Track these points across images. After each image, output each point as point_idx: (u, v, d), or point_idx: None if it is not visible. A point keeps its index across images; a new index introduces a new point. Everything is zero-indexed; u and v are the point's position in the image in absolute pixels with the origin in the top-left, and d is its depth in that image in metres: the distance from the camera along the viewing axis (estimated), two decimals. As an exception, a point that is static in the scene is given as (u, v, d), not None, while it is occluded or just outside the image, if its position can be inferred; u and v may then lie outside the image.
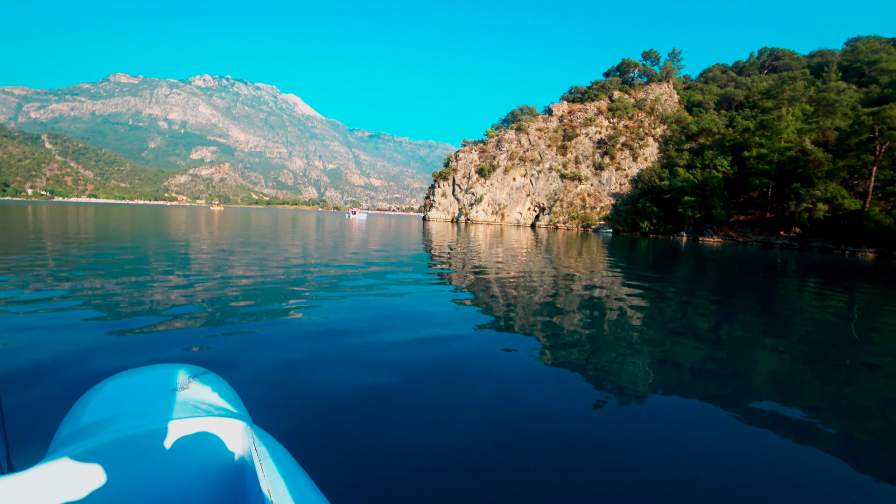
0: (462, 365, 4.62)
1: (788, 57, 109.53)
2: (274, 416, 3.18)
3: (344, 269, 10.65)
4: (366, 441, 2.95)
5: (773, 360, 5.55)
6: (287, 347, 4.83)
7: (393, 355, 4.77)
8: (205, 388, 1.76)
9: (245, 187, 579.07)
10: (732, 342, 6.25)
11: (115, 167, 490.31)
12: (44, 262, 10.38)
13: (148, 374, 1.81)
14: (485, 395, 3.86)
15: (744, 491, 2.70)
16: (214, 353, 4.52)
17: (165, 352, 4.47)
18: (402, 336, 5.52)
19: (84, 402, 1.63)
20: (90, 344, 4.62)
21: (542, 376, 4.41)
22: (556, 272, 12.96)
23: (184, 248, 13.95)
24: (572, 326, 6.52)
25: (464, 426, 3.29)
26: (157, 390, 1.66)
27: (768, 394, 4.36)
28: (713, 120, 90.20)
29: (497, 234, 38.41)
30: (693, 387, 4.38)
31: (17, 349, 4.42)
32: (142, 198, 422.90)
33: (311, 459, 2.56)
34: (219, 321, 5.73)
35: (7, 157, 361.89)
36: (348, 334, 5.42)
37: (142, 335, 5.01)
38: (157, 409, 1.51)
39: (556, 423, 3.42)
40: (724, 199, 71.84)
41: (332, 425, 3.14)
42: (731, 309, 8.87)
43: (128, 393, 1.65)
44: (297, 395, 3.61)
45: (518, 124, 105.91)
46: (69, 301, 6.50)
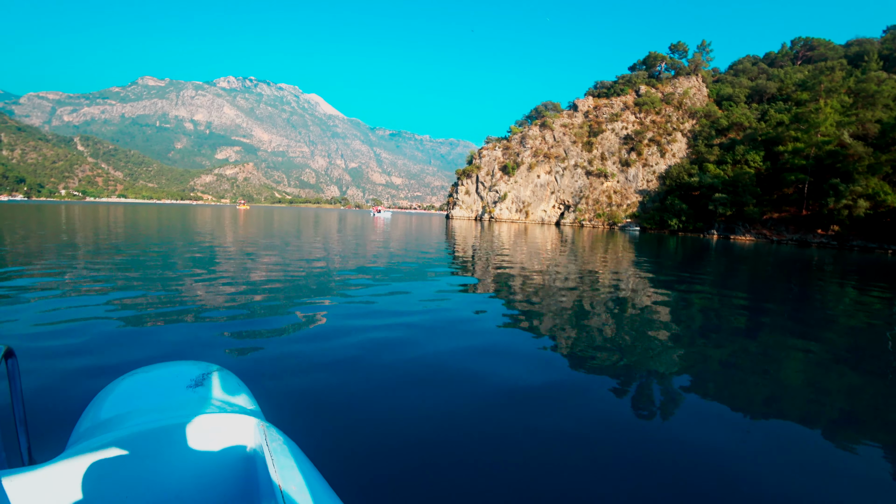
0: (481, 367, 4.52)
1: (824, 46, 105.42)
2: (287, 413, 3.22)
3: (367, 271, 10.49)
4: (378, 441, 2.97)
5: (810, 368, 5.28)
6: (303, 346, 4.85)
7: (412, 356, 4.71)
8: (219, 385, 1.80)
9: (268, 186, 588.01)
10: (765, 348, 5.97)
11: (144, 168, 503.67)
12: (74, 259, 10.83)
13: (164, 370, 1.86)
14: (504, 397, 3.80)
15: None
16: (230, 350, 4.60)
17: (183, 348, 4.59)
18: (423, 337, 5.43)
19: (102, 397, 1.68)
20: (112, 339, 4.80)
21: (567, 383, 4.30)
22: (582, 273, 12.63)
23: (212, 247, 14.22)
24: (599, 331, 6.33)
25: (482, 428, 3.25)
26: (172, 387, 1.71)
27: (802, 403, 4.17)
28: (744, 114, 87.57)
29: (521, 233, 37.94)
30: (722, 395, 4.22)
31: (41, 343, 4.59)
32: (168, 197, 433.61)
33: (323, 457, 2.63)
34: (239, 319, 5.81)
35: (42, 160, 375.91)
36: (366, 334, 5.36)
37: (161, 332, 5.16)
38: (173, 405, 1.55)
39: (580, 427, 3.36)
40: (756, 196, 69.69)
41: (345, 424, 3.15)
42: (764, 313, 8.45)
43: (145, 389, 1.70)
44: (310, 393, 3.64)
45: (542, 120, 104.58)
46: (94, 298, 6.72)
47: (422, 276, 10.06)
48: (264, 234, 20.96)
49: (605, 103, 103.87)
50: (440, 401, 3.64)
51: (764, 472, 2.86)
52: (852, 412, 4.02)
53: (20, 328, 5.13)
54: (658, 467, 2.88)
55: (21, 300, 6.49)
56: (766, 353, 5.69)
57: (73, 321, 5.43)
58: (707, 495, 2.64)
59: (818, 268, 19.96)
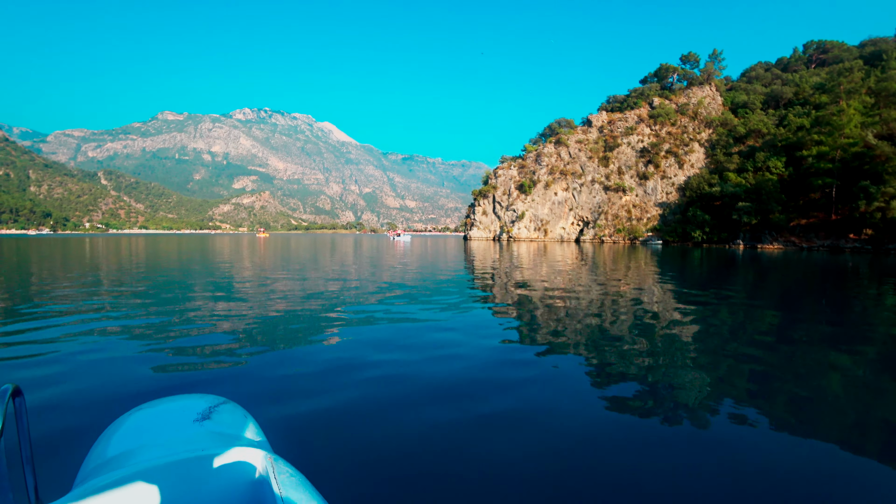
0: (502, 396, 4.29)
1: (837, 48, 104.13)
2: (295, 445, 3.14)
3: (388, 299, 9.77)
4: (389, 475, 2.84)
5: (849, 382, 4.91)
6: (315, 376, 4.72)
7: (431, 389, 4.44)
8: (225, 418, 1.80)
9: (284, 214, 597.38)
10: (800, 361, 5.62)
11: (164, 199, 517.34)
12: (90, 292, 10.87)
13: (170, 405, 1.86)
14: (525, 428, 3.59)
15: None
16: (240, 381, 4.50)
17: (193, 379, 4.52)
18: (443, 369, 5.13)
19: (109, 433, 1.67)
20: (120, 373, 4.72)
21: (593, 406, 4.09)
22: (607, 291, 12.08)
23: (231, 276, 13.97)
24: (625, 351, 5.98)
25: (503, 457, 3.08)
26: (179, 421, 1.71)
27: (841, 419, 3.88)
28: (762, 120, 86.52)
29: (541, 252, 37.27)
30: (758, 410, 3.97)
31: (49, 378, 4.53)
32: (188, 227, 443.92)
33: (332, 489, 2.58)
34: (251, 351, 5.68)
35: (67, 194, 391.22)
36: (382, 368, 5.09)
37: (171, 363, 5.11)
38: (180, 440, 1.55)
39: (609, 453, 3.19)
40: (781, 203, 68.29)
41: (355, 457, 3.03)
42: (797, 324, 7.98)
43: (151, 424, 1.69)
44: (321, 425, 3.52)
45: (557, 137, 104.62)
46: (107, 331, 6.71)
47: (445, 302, 9.54)
48: (286, 261, 20.83)
49: (619, 117, 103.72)
50: (459, 436, 3.41)
51: (804, 492, 2.71)
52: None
53: (31, 361, 5.11)
54: (692, 488, 2.75)
55: (34, 333, 6.53)
56: (800, 366, 5.40)
57: (83, 354, 5.42)
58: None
59: (853, 274, 19.11)
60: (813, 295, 12.53)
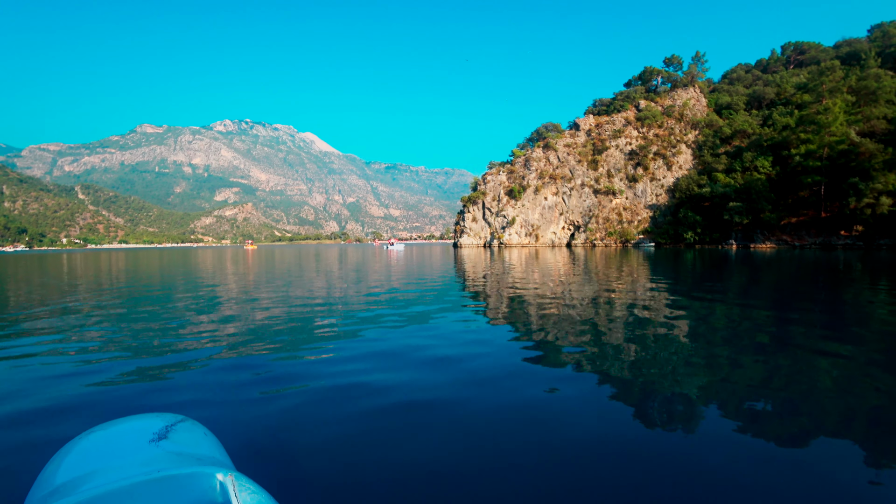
0: (492, 404, 3.97)
1: (815, 49, 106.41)
2: (261, 463, 2.95)
3: (372, 308, 8.71)
4: (359, 491, 2.69)
5: (845, 379, 4.67)
6: (288, 392, 4.37)
7: (410, 399, 4.12)
8: (183, 436, 1.73)
9: (268, 225, 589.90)
10: (794, 360, 5.36)
11: (144, 213, 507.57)
12: (53, 312, 10.02)
13: (124, 425, 1.77)
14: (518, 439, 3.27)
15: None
16: (202, 399, 4.17)
17: (154, 399, 4.20)
18: (429, 377, 4.79)
19: (59, 458, 1.57)
20: (74, 393, 4.37)
21: (587, 412, 3.77)
22: (598, 293, 11.54)
23: (214, 288, 12.20)
24: (626, 356, 5.59)
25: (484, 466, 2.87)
26: (134, 442, 1.62)
27: (836, 419, 3.68)
28: (746, 121, 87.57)
29: (532, 257, 36.25)
30: (750, 413, 3.75)
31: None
32: (169, 241, 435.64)
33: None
34: (218, 363, 5.37)
35: (43, 210, 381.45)
36: (360, 376, 4.79)
37: (134, 382, 4.73)
38: (135, 463, 1.47)
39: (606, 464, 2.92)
40: (771, 202, 68.78)
41: (322, 473, 2.85)
42: (791, 322, 7.64)
43: (104, 447, 1.60)
44: (287, 441, 3.28)
45: (545, 142, 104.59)
46: (67, 352, 6.20)
47: (437, 311, 8.51)
48: (288, 273, 19.58)
49: (606, 120, 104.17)
50: (442, 452, 3.10)
51: (792, 497, 2.56)
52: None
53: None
54: (682, 494, 2.59)
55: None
56: (795, 365, 5.16)
57: (36, 379, 4.92)
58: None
59: (846, 271, 18.82)
60: (805, 292, 12.28)
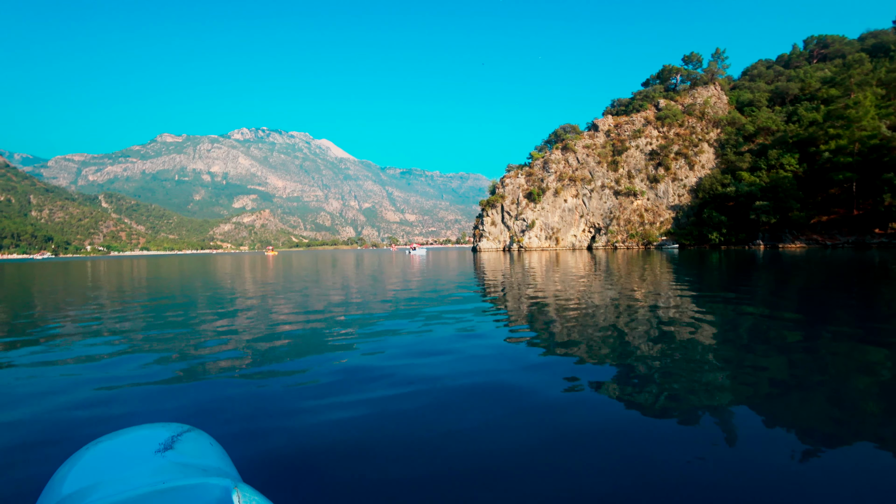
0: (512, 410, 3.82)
1: (839, 42, 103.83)
2: (270, 474, 2.93)
3: (382, 317, 7.96)
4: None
5: (884, 385, 4.40)
6: (305, 401, 4.24)
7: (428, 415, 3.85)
8: (189, 447, 1.73)
9: (285, 231, 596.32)
10: (827, 365, 5.12)
11: (164, 220, 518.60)
12: (70, 318, 10.19)
13: (130, 436, 1.78)
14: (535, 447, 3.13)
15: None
16: (210, 409, 4.10)
17: (162, 407, 4.17)
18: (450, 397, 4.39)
19: (64, 470, 1.58)
20: (82, 401, 4.34)
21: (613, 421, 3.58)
22: (629, 300, 10.74)
23: (233, 293, 11.92)
24: (659, 369, 5.13)
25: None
26: (140, 453, 1.63)
27: (874, 426, 3.48)
28: (770, 117, 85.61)
29: (553, 261, 35.34)
30: (784, 420, 3.58)
31: (5, 412, 4.17)
32: (189, 247, 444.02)
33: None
34: (234, 375, 5.19)
35: (69, 218, 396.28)
36: (375, 392, 4.49)
37: (145, 388, 4.74)
38: (141, 474, 1.47)
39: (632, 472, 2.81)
40: (800, 200, 66.90)
41: (330, 486, 2.81)
42: (823, 325, 7.28)
43: (109, 458, 1.61)
44: (293, 453, 3.21)
45: (563, 143, 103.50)
46: (81, 359, 6.19)
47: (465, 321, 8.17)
48: (301, 278, 19.37)
49: (625, 120, 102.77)
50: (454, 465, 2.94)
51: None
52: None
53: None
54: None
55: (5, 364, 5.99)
56: (828, 370, 4.93)
57: (47, 386, 4.90)
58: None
59: (882, 271, 17.91)
60: (838, 294, 11.64)
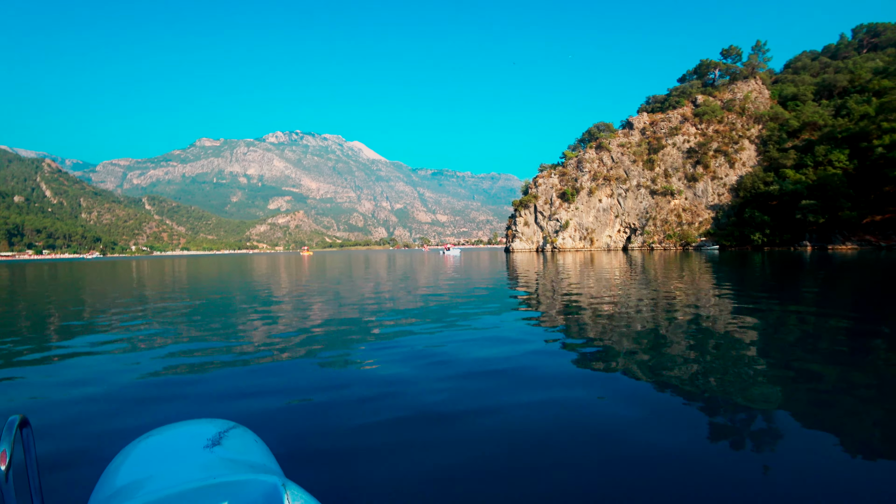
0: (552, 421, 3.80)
1: (891, 30, 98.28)
2: (312, 471, 3.00)
3: (411, 319, 8.20)
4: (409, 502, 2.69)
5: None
6: (341, 400, 4.40)
7: (472, 419, 3.93)
8: (236, 443, 1.77)
9: (319, 232, 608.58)
10: (880, 374, 4.95)
11: (203, 221, 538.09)
12: (132, 312, 10.97)
13: (179, 430, 1.83)
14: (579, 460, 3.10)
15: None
16: (254, 405, 4.27)
17: (208, 403, 4.35)
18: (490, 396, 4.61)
19: (118, 462, 1.64)
20: (135, 397, 4.59)
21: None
22: (680, 307, 10.61)
23: (291, 295, 12.10)
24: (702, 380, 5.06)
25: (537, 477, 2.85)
26: (189, 448, 1.68)
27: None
28: (816, 112, 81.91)
29: (587, 262, 34.49)
30: (836, 428, 3.53)
31: (63, 403, 4.44)
32: (227, 247, 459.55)
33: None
34: (272, 370, 5.52)
35: (115, 220, 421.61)
36: (415, 395, 4.61)
37: (187, 386, 4.91)
38: (190, 468, 1.52)
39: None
40: (850, 199, 64.00)
41: (371, 481, 2.87)
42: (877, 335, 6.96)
43: (161, 452, 1.67)
44: (340, 450, 3.31)
45: (597, 142, 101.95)
46: (130, 353, 6.62)
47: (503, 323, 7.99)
48: (337, 278, 19.76)
49: (661, 118, 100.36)
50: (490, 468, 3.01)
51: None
52: None
53: (45, 388, 4.99)
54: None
55: (51, 358, 6.49)
56: (882, 379, 4.78)
57: (99, 379, 5.28)
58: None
59: None
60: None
